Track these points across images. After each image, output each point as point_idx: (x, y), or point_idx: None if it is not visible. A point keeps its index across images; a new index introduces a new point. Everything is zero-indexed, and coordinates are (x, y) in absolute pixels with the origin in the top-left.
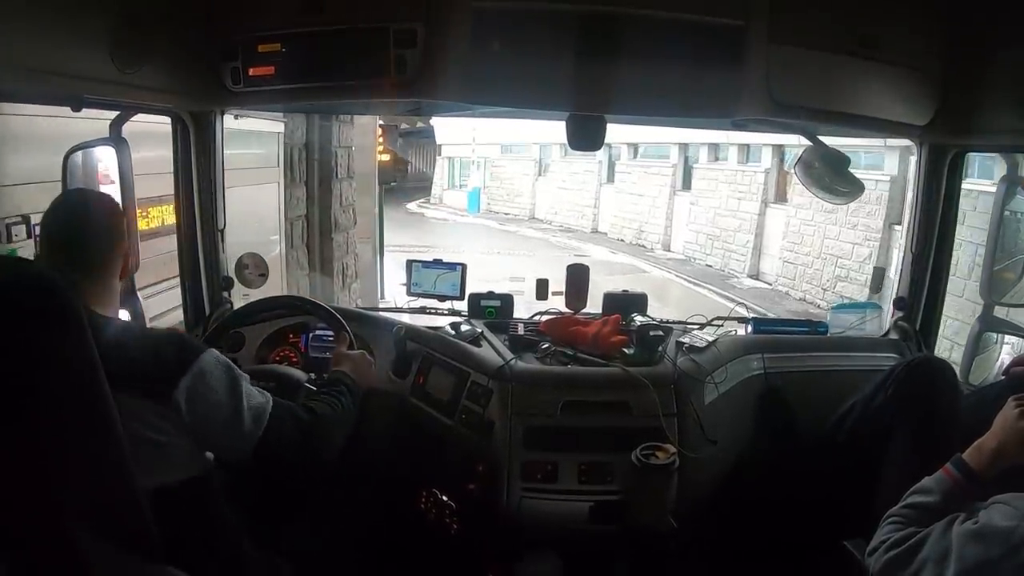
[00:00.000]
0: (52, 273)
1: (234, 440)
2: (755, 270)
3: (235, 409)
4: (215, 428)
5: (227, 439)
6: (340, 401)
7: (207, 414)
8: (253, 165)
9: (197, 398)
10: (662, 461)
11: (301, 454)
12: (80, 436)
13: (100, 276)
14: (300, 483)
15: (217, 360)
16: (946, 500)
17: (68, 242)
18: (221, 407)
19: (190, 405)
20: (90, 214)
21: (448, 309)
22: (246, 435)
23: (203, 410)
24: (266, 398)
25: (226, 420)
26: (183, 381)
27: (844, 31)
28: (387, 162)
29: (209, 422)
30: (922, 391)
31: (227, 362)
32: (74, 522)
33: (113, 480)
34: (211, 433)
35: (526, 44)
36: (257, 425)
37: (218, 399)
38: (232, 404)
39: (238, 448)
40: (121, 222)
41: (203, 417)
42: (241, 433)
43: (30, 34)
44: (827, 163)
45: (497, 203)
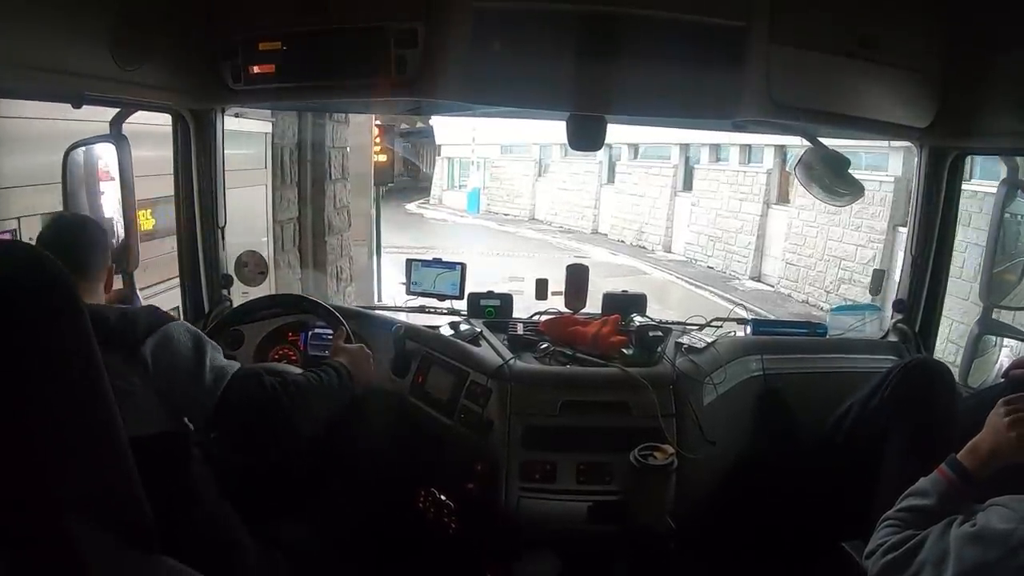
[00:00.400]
0: (51, 257)
1: (196, 396)
2: (757, 272)
3: (197, 364)
4: (178, 382)
5: (189, 395)
6: (322, 377)
7: (170, 369)
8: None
9: (161, 355)
10: (661, 462)
11: (264, 417)
12: (78, 425)
13: (89, 284)
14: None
15: (186, 327)
16: (942, 501)
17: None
18: (184, 362)
19: (155, 359)
20: (85, 231)
21: (447, 308)
22: (207, 391)
23: (166, 365)
24: (233, 364)
25: (187, 375)
26: (149, 340)
27: (844, 32)
28: (384, 163)
29: (172, 376)
30: (919, 393)
31: (196, 331)
32: (72, 514)
33: (112, 472)
34: (174, 388)
35: (526, 44)
36: (218, 383)
37: (182, 356)
38: (195, 359)
39: (200, 403)
40: (107, 244)
41: (165, 371)
42: (202, 388)
43: (31, 32)
44: (827, 164)
45: (497, 204)
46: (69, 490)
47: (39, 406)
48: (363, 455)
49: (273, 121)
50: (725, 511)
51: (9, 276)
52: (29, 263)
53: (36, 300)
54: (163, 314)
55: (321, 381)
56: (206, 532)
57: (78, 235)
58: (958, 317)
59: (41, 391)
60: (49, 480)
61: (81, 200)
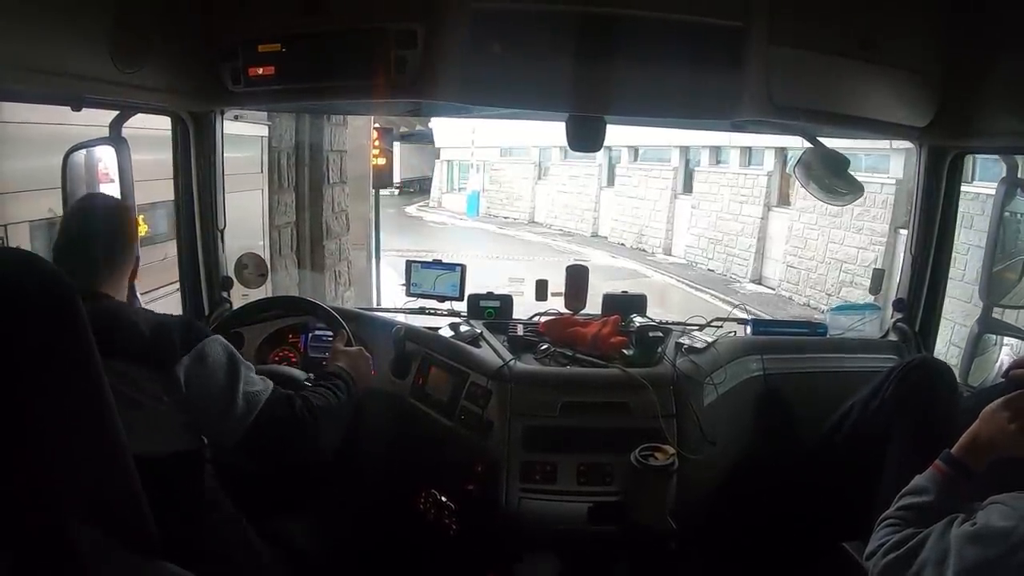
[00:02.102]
0: (50, 263)
1: (226, 422)
2: (758, 275)
3: (231, 389)
4: (209, 408)
5: (220, 421)
6: (336, 395)
7: (203, 393)
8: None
9: (195, 376)
10: (661, 462)
11: (292, 443)
12: (78, 430)
13: (115, 272)
14: (291, 474)
15: (222, 345)
16: (940, 497)
17: (88, 239)
18: (218, 388)
19: (188, 381)
20: (115, 216)
21: (447, 310)
22: (238, 417)
23: (200, 389)
24: (265, 385)
25: (221, 401)
26: (185, 359)
27: (844, 33)
28: (383, 166)
29: (205, 401)
30: (920, 392)
31: (231, 349)
32: (73, 518)
33: (112, 475)
34: (205, 413)
35: (526, 45)
36: (250, 410)
37: (216, 380)
38: (228, 384)
39: (230, 430)
40: (134, 226)
41: (199, 396)
42: (234, 415)
43: (30, 34)
44: (826, 165)
45: (496, 206)
46: (69, 493)
47: (38, 409)
48: (364, 456)
49: (270, 124)
50: (726, 511)
51: (7, 281)
52: (27, 268)
53: (34, 305)
54: (200, 328)
55: (337, 400)
56: (211, 535)
57: (108, 220)
58: (960, 319)
59: (40, 394)
60: (49, 483)
61: None
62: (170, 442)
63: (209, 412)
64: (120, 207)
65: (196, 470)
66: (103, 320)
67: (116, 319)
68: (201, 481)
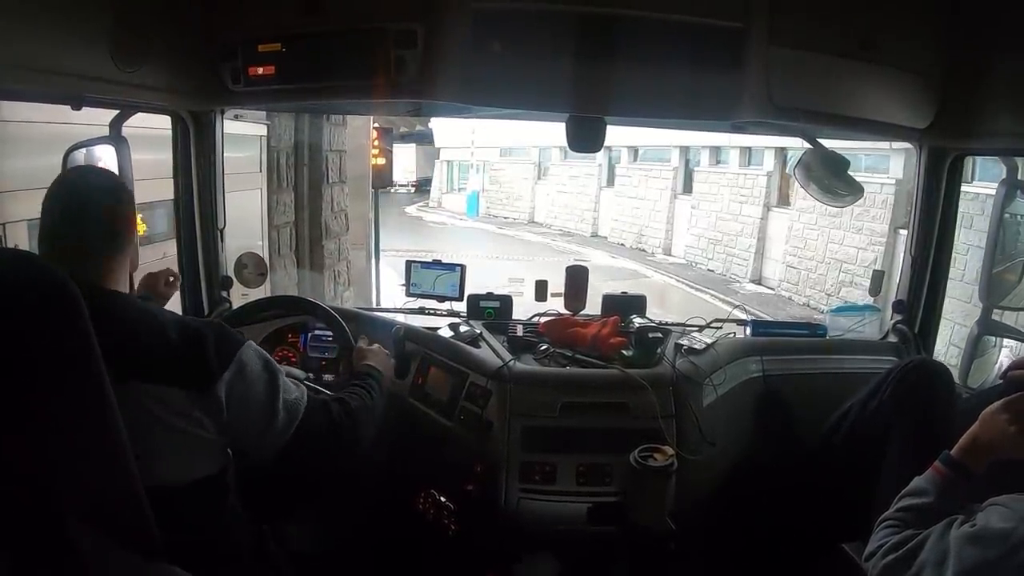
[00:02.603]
0: (50, 263)
1: (268, 436)
2: (758, 275)
3: (271, 404)
4: (250, 425)
5: (261, 435)
6: (370, 394)
7: (244, 408)
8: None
9: (236, 393)
10: (660, 463)
11: (331, 449)
12: (79, 430)
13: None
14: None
15: (256, 353)
16: (940, 498)
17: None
18: (258, 404)
19: (229, 400)
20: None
21: (447, 310)
22: (279, 431)
23: (241, 406)
24: (301, 392)
25: (262, 416)
26: (226, 375)
27: (844, 34)
28: (382, 166)
29: (245, 418)
30: (919, 394)
31: (265, 355)
32: (73, 519)
33: (113, 476)
34: (245, 429)
35: (526, 45)
36: (291, 422)
37: (256, 395)
38: (269, 400)
39: (270, 444)
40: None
41: (240, 413)
42: (276, 428)
43: (30, 33)
44: (826, 165)
45: (496, 206)
46: (69, 493)
47: (38, 409)
48: (363, 456)
49: (269, 124)
50: (725, 512)
51: (7, 281)
52: (28, 267)
53: (35, 304)
54: (232, 335)
55: (372, 399)
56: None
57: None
58: (960, 320)
59: (41, 394)
60: (49, 483)
61: None
62: (202, 467)
63: (250, 428)
64: (117, 182)
65: (221, 493)
66: (123, 325)
67: (138, 325)
68: (222, 504)
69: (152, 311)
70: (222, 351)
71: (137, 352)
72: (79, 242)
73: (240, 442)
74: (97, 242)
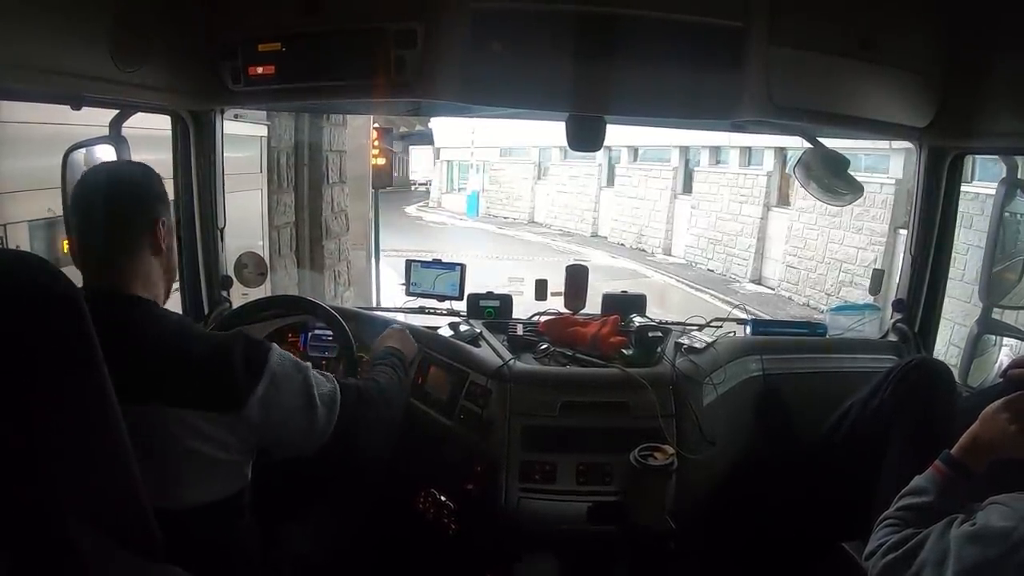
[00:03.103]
0: (52, 265)
1: (311, 436)
2: (757, 275)
3: (310, 405)
4: (294, 430)
5: (305, 437)
6: (395, 371)
7: (284, 417)
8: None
9: (273, 404)
10: (660, 462)
11: (372, 430)
12: (80, 431)
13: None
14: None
15: (284, 357)
16: (940, 498)
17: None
18: (297, 407)
19: (264, 412)
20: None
21: (447, 309)
22: (322, 428)
23: (279, 413)
24: (332, 383)
25: (303, 418)
26: (258, 388)
27: (844, 33)
28: (383, 166)
29: (286, 425)
30: (919, 393)
31: (291, 356)
32: (74, 519)
33: (114, 476)
34: (289, 435)
35: (525, 44)
36: (330, 415)
37: (293, 399)
38: (307, 402)
39: (315, 441)
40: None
41: (280, 420)
42: (317, 428)
43: (30, 33)
44: (826, 165)
45: (496, 206)
46: (70, 494)
47: (40, 410)
48: (363, 456)
49: (269, 124)
50: (725, 511)
51: (8, 282)
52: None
53: (36, 306)
54: (257, 345)
55: (397, 374)
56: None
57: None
58: (960, 319)
59: (42, 396)
60: (50, 484)
61: None
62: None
63: (293, 432)
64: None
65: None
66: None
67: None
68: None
69: (177, 322)
70: (251, 365)
71: (160, 370)
72: (101, 245)
73: (283, 448)
74: (119, 246)
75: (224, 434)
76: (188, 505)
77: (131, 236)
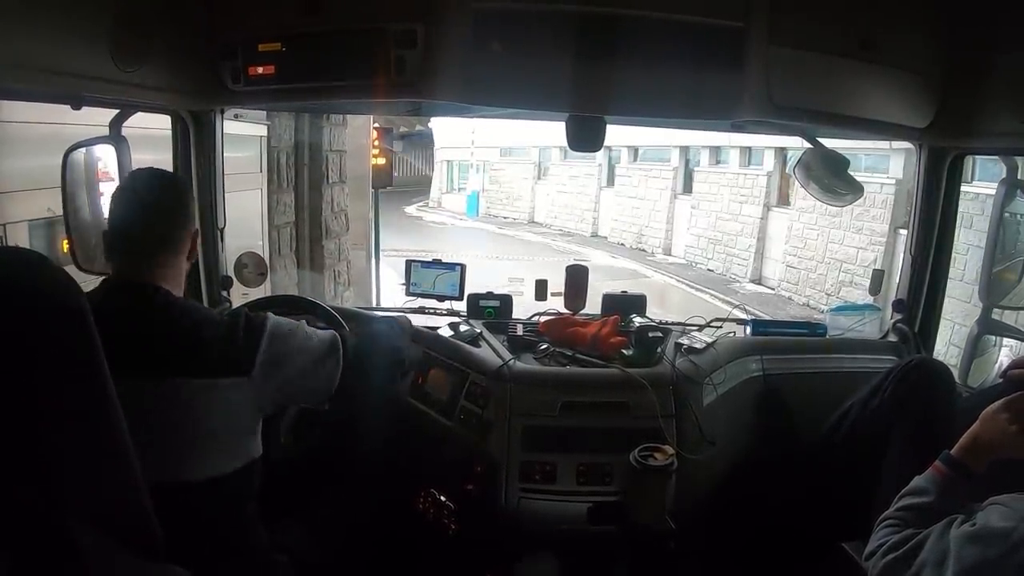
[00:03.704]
0: (53, 263)
1: (320, 382)
2: (757, 275)
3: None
4: (302, 380)
5: (314, 384)
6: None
7: (291, 372)
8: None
9: (277, 362)
10: (660, 462)
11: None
12: (80, 430)
13: (170, 255)
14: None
15: (279, 320)
16: (940, 497)
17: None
18: (302, 359)
19: (272, 370)
20: (158, 193)
21: (447, 309)
22: (328, 373)
23: (288, 370)
24: (331, 333)
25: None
26: (261, 349)
27: (844, 33)
28: (383, 165)
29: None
30: (919, 393)
31: (287, 319)
32: (74, 519)
33: (115, 475)
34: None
35: (526, 44)
36: (335, 358)
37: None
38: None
39: (325, 388)
40: (188, 202)
41: (288, 378)
42: (323, 374)
43: (30, 33)
44: (826, 165)
45: (496, 206)
46: (71, 493)
47: (41, 409)
48: (363, 456)
49: (269, 124)
50: (725, 512)
51: (11, 280)
52: (31, 267)
53: (38, 304)
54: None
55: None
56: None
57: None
58: (960, 319)
59: (43, 394)
60: (50, 483)
61: (81, 201)
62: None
63: (307, 376)
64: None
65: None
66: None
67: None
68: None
69: (188, 304)
70: (253, 332)
71: (175, 346)
72: (143, 239)
73: (298, 398)
74: (161, 244)
75: (238, 398)
76: (204, 477)
77: (175, 238)
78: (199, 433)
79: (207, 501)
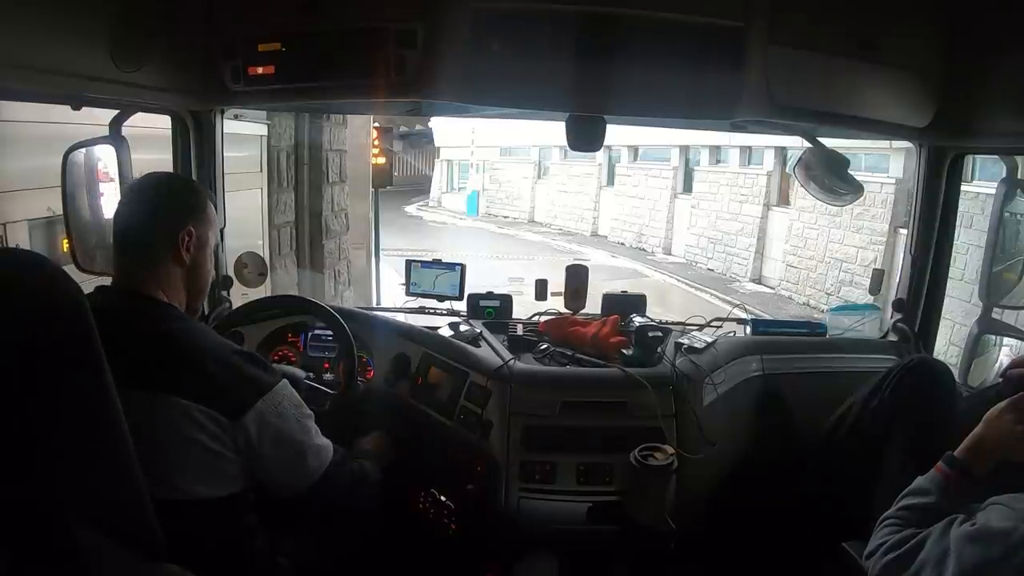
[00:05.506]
0: (54, 264)
1: (296, 476)
2: (757, 274)
3: (303, 445)
4: (282, 461)
5: (289, 473)
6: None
7: (275, 445)
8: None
9: (269, 428)
10: (660, 462)
11: (350, 501)
12: (81, 431)
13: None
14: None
15: (291, 392)
16: (941, 498)
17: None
18: (290, 442)
19: (261, 432)
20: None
21: (447, 309)
22: (309, 472)
23: (273, 441)
24: (327, 441)
25: (293, 455)
26: (258, 404)
27: (844, 33)
28: (383, 165)
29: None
30: (920, 392)
31: (298, 397)
32: (74, 519)
33: (115, 476)
34: (276, 464)
35: (526, 44)
36: (320, 465)
37: (289, 432)
38: (301, 441)
39: (298, 482)
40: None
41: (271, 447)
42: (305, 470)
43: (30, 33)
44: (826, 164)
45: (496, 206)
46: (71, 494)
47: (42, 410)
48: (363, 456)
49: (269, 123)
50: (725, 511)
51: (12, 281)
52: (32, 268)
53: (40, 305)
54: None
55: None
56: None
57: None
58: (960, 319)
59: (44, 395)
60: (51, 483)
61: (81, 201)
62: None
63: (280, 463)
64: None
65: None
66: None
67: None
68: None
69: (195, 326)
70: (258, 382)
71: (170, 361)
72: (130, 249)
73: (266, 475)
74: (139, 251)
75: (224, 436)
76: (194, 498)
77: (149, 242)
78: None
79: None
